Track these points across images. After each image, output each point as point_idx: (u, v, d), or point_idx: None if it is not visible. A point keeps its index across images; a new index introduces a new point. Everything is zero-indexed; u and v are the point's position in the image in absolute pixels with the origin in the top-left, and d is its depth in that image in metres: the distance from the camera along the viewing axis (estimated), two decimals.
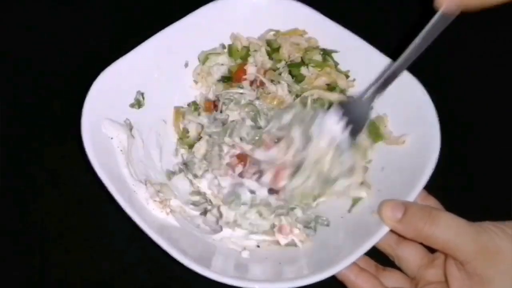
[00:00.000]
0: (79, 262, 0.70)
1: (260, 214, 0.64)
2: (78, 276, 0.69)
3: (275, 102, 0.71)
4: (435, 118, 0.64)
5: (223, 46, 0.76)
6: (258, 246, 0.64)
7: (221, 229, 0.63)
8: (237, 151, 0.68)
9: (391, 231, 0.58)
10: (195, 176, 0.68)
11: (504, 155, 0.76)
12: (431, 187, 0.62)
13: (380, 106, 0.68)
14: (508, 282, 0.53)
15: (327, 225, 0.65)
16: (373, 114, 0.68)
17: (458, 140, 0.75)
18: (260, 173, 0.66)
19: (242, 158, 0.67)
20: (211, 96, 0.74)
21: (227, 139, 0.68)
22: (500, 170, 0.75)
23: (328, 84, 0.72)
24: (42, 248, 0.70)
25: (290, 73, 0.73)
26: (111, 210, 0.61)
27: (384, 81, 0.62)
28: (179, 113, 0.73)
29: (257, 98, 0.71)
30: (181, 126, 0.73)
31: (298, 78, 0.73)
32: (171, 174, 0.69)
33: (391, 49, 0.68)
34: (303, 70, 0.73)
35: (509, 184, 0.73)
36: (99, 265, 0.69)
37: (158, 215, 0.63)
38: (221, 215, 0.64)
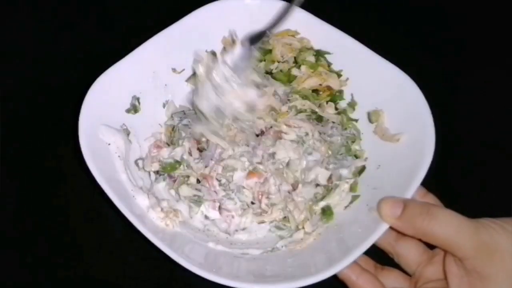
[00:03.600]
0: (79, 262, 0.70)
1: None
2: (79, 276, 0.69)
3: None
4: (430, 117, 0.64)
5: (213, 53, 0.75)
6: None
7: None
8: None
9: (391, 228, 0.58)
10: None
11: (503, 153, 0.77)
12: (430, 186, 0.63)
13: (377, 104, 0.69)
14: (506, 279, 0.53)
15: None
16: (370, 109, 0.70)
17: (457, 139, 0.76)
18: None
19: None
20: None
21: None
22: (499, 168, 0.76)
23: (320, 85, 0.73)
24: (42, 248, 0.70)
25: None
26: (111, 210, 0.61)
27: None
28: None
29: None
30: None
31: (289, 79, 0.73)
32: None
33: (384, 48, 0.69)
34: (295, 71, 0.73)
35: (508, 182, 0.73)
36: (99, 265, 0.70)
37: (158, 223, 0.63)
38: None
